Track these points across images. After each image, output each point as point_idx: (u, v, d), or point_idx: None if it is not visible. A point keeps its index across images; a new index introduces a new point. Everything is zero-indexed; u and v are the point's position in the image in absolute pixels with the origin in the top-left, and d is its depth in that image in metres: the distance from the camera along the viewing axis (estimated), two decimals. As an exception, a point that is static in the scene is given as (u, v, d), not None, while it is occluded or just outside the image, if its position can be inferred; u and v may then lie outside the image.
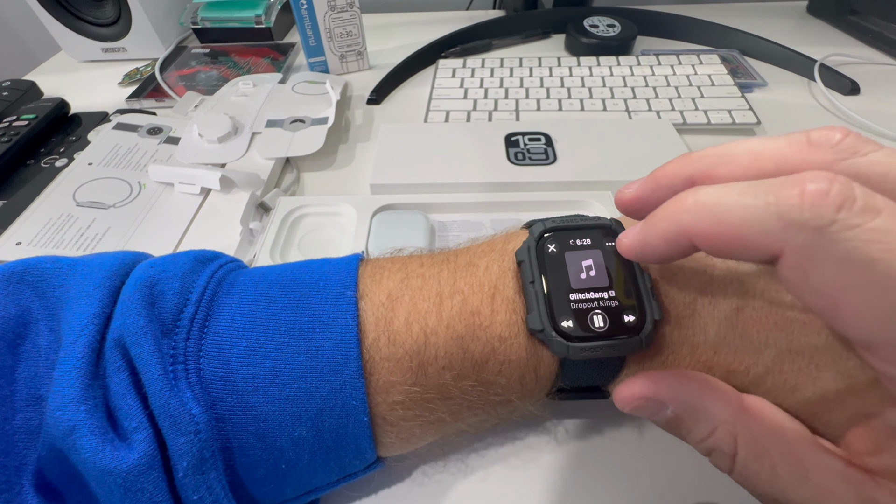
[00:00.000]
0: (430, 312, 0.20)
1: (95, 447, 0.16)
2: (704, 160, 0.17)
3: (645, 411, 0.17)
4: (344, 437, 0.19)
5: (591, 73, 0.57)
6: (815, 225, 0.12)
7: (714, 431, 0.16)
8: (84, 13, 0.63)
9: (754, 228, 0.13)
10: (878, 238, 0.11)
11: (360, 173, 0.46)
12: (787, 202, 0.12)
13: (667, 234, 0.15)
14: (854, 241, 0.11)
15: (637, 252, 0.16)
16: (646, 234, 0.16)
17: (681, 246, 0.15)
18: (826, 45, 0.62)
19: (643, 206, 0.18)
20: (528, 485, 0.25)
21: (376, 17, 0.75)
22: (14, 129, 0.49)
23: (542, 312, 0.19)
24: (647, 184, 0.18)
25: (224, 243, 0.37)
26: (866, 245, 0.11)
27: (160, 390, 0.17)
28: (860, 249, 0.11)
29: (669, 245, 0.15)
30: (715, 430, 0.16)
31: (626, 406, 0.18)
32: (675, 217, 0.15)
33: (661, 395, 0.17)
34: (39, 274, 0.19)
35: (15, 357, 0.18)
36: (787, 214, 0.12)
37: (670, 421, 0.17)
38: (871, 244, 0.11)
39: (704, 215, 0.14)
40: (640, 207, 0.18)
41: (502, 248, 0.22)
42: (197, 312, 0.19)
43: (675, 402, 0.17)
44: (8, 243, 0.38)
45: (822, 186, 0.12)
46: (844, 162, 0.14)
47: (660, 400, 0.17)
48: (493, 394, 0.20)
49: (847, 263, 0.12)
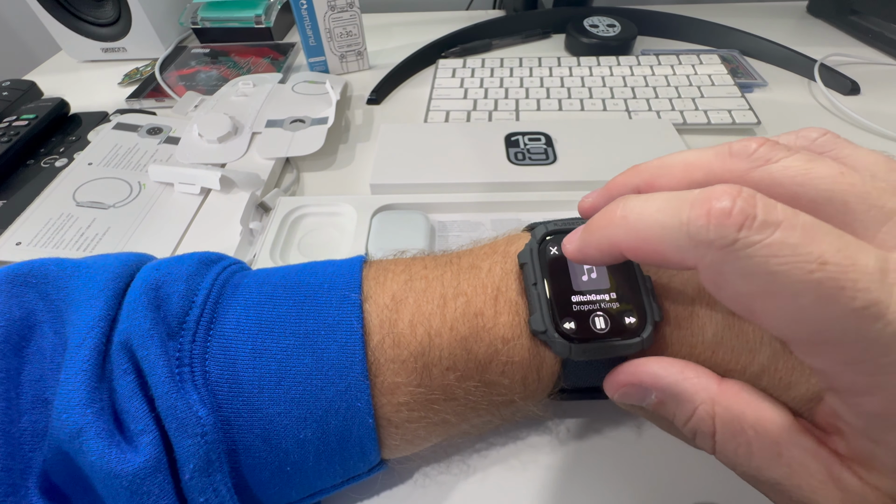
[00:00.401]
0: (433, 314, 0.20)
1: (102, 450, 0.16)
2: (647, 172, 0.18)
3: (632, 397, 0.18)
4: (349, 439, 0.19)
5: (591, 73, 0.57)
6: (721, 244, 0.13)
7: (694, 413, 0.17)
8: (84, 13, 0.63)
9: (670, 246, 0.14)
10: (776, 252, 0.12)
11: (360, 173, 0.46)
12: (696, 223, 0.13)
13: (600, 245, 0.16)
14: (755, 257, 0.12)
15: (578, 258, 0.18)
16: (583, 244, 0.17)
17: (613, 255, 0.16)
18: (826, 45, 0.62)
19: None
20: (530, 485, 0.25)
21: (376, 17, 0.75)
22: (14, 129, 0.49)
23: (544, 314, 0.19)
24: (603, 194, 0.20)
25: (224, 243, 0.37)
26: (766, 260, 0.12)
27: (167, 392, 0.17)
28: (761, 264, 0.12)
29: (603, 254, 0.17)
30: (695, 411, 0.17)
31: (614, 393, 0.19)
32: (605, 231, 0.16)
33: (644, 380, 0.18)
34: (43, 276, 0.19)
35: (20, 360, 0.18)
36: (696, 235, 0.13)
37: (656, 406, 0.18)
38: (770, 258, 0.12)
39: (630, 231, 0.15)
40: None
41: (504, 250, 0.22)
42: (202, 315, 0.19)
43: (657, 387, 0.17)
44: (8, 243, 0.38)
45: (725, 205, 0.13)
46: (759, 169, 0.15)
47: (643, 385, 0.18)
48: (496, 394, 0.21)
49: (751, 276, 0.13)
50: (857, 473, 0.14)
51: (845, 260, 0.12)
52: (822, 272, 0.12)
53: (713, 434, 0.17)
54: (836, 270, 0.12)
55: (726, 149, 0.17)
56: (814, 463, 0.15)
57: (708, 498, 0.24)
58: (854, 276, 0.12)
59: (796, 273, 0.12)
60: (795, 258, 0.12)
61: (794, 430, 0.16)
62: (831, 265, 0.12)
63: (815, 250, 0.12)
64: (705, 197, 0.13)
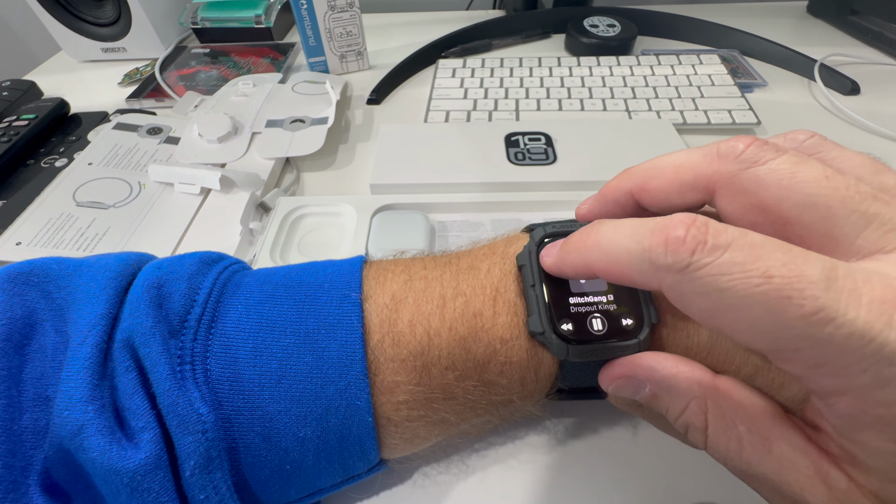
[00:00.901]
0: (433, 314, 0.20)
1: (103, 447, 0.16)
2: (639, 175, 0.19)
3: (626, 390, 0.19)
4: (348, 438, 0.19)
5: (591, 73, 0.57)
6: (677, 268, 0.14)
7: (687, 406, 0.17)
8: (84, 13, 0.63)
9: (635, 270, 0.15)
10: (725, 271, 0.13)
11: (360, 173, 0.47)
12: (656, 250, 0.14)
13: (576, 265, 0.18)
14: (706, 277, 0.13)
15: (554, 272, 0.19)
16: (560, 261, 0.18)
17: (587, 274, 0.18)
18: (826, 45, 0.62)
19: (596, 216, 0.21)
20: (528, 485, 0.25)
21: (376, 17, 0.75)
22: (14, 129, 0.49)
23: (542, 315, 0.19)
24: (598, 200, 0.21)
25: (224, 243, 0.37)
26: (717, 279, 0.13)
27: (168, 390, 0.17)
28: (712, 283, 0.13)
29: (578, 273, 0.18)
30: (688, 405, 0.17)
31: (608, 385, 0.19)
32: (580, 253, 0.17)
33: (638, 373, 0.18)
34: (45, 275, 0.19)
35: (22, 357, 0.18)
36: (655, 260, 0.14)
37: (649, 399, 0.18)
38: (719, 277, 0.13)
39: (602, 255, 0.16)
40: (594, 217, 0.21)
41: (503, 251, 0.22)
42: (204, 313, 0.19)
43: (651, 380, 0.18)
44: (8, 243, 0.38)
45: (679, 234, 0.14)
46: (746, 171, 0.16)
47: (637, 378, 0.18)
48: (494, 394, 0.21)
49: (706, 294, 0.14)
50: (846, 472, 0.15)
51: (790, 272, 0.13)
52: (769, 284, 0.13)
53: (705, 429, 0.17)
54: (781, 282, 0.13)
55: (714, 150, 0.17)
56: (802, 459, 0.15)
57: (707, 498, 0.24)
58: (799, 286, 0.12)
59: (743, 288, 0.13)
60: (742, 274, 0.13)
61: (784, 427, 0.16)
62: (777, 278, 0.13)
63: (760, 266, 0.13)
64: (663, 226, 0.15)
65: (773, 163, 0.16)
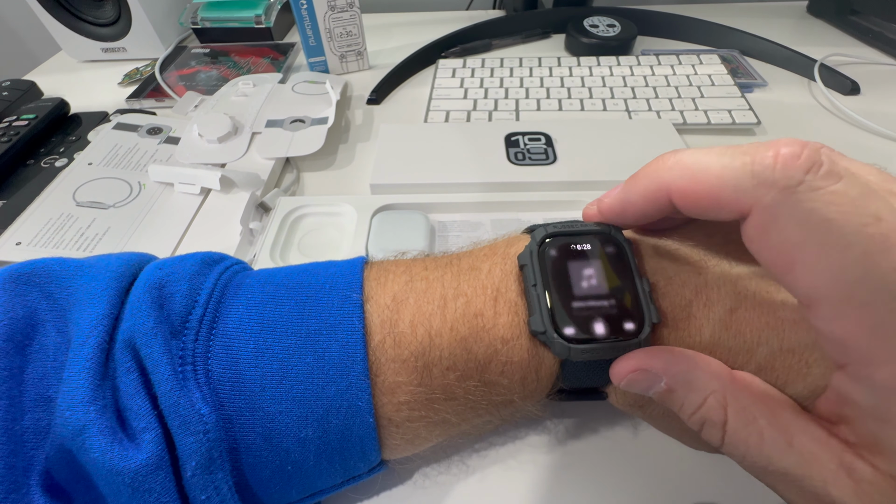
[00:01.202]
0: (434, 315, 0.20)
1: (104, 447, 0.16)
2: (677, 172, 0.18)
3: (640, 384, 0.18)
4: (349, 439, 0.19)
5: (591, 73, 0.57)
6: (784, 185, 0.13)
7: (705, 401, 0.17)
8: (84, 13, 0.63)
9: (729, 187, 0.14)
10: (837, 200, 0.12)
11: (360, 173, 0.47)
12: (763, 162, 0.13)
13: (647, 191, 0.16)
14: (816, 202, 0.13)
15: (618, 210, 0.18)
16: (627, 193, 0.17)
17: (659, 203, 0.16)
18: (826, 45, 0.62)
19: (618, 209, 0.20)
20: (529, 485, 0.25)
21: (376, 17, 0.75)
22: (14, 129, 0.49)
23: (543, 315, 0.19)
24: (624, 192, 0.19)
25: (224, 243, 0.37)
26: (826, 206, 0.13)
27: (170, 390, 0.17)
28: (820, 210, 0.13)
29: (649, 202, 0.16)
30: (706, 399, 0.17)
31: (621, 380, 0.18)
32: (656, 175, 0.16)
33: (654, 367, 0.17)
34: (46, 275, 0.19)
35: (23, 358, 0.18)
36: (760, 174, 0.13)
37: (664, 393, 0.18)
38: (830, 206, 0.12)
39: (685, 173, 0.15)
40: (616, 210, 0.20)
41: (504, 251, 0.22)
42: (205, 314, 0.19)
43: (668, 374, 0.17)
44: (8, 243, 0.38)
45: (794, 150, 0.13)
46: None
47: (654, 372, 0.18)
48: (495, 394, 0.21)
49: (806, 222, 0.13)
50: (869, 461, 0.14)
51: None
52: (876, 228, 0.12)
53: (724, 423, 0.16)
54: (888, 228, 0.12)
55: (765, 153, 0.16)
56: (825, 452, 0.15)
57: (707, 498, 0.24)
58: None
59: (852, 224, 0.12)
60: (854, 209, 0.12)
61: (804, 420, 0.16)
62: (885, 223, 0.12)
63: (872, 206, 0.12)
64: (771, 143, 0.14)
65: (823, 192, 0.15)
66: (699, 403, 0.17)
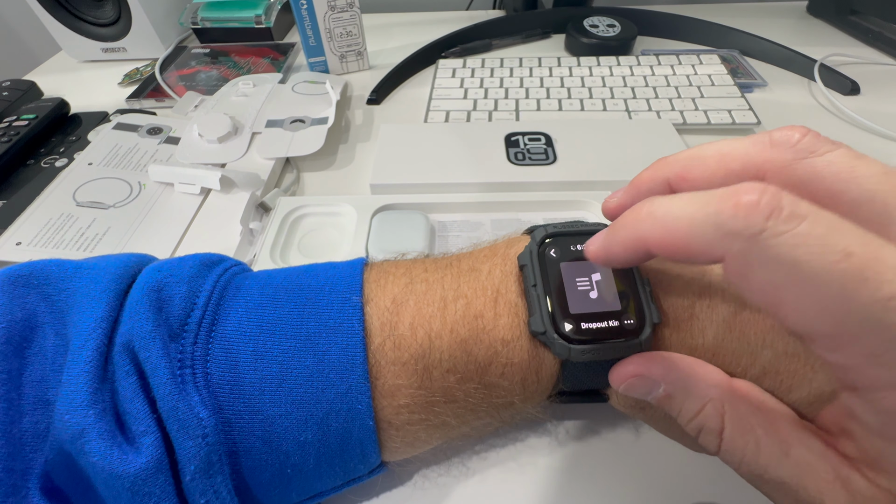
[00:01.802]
0: (434, 317, 0.20)
1: (104, 451, 0.16)
2: (678, 163, 0.18)
3: (638, 389, 0.18)
4: (349, 442, 0.19)
5: (591, 73, 0.57)
6: (748, 234, 0.13)
7: (703, 408, 0.17)
8: (84, 13, 0.63)
9: (698, 238, 0.14)
10: (803, 242, 0.12)
11: (360, 173, 0.46)
12: (724, 214, 0.13)
13: (626, 242, 0.16)
14: (782, 246, 0.13)
15: (602, 258, 0.18)
16: (609, 242, 0.17)
17: (638, 252, 0.16)
18: (826, 45, 0.62)
19: None
20: (529, 487, 0.25)
21: (376, 17, 0.75)
22: (14, 129, 0.49)
23: (543, 315, 0.19)
24: (629, 191, 0.19)
25: (224, 243, 0.37)
26: (793, 249, 0.12)
27: (169, 394, 0.17)
28: (788, 253, 0.13)
29: (629, 252, 0.16)
30: (704, 407, 0.17)
31: (620, 384, 0.18)
32: (633, 227, 0.16)
33: (653, 373, 0.18)
34: (45, 277, 0.19)
35: (22, 361, 0.18)
36: (724, 225, 0.13)
37: (662, 399, 0.18)
38: (797, 248, 0.12)
39: (657, 225, 0.15)
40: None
41: (504, 252, 0.22)
42: (204, 317, 0.19)
43: (666, 380, 0.17)
44: (8, 243, 0.38)
45: (753, 198, 0.13)
46: (803, 161, 0.15)
47: (652, 378, 0.18)
48: (495, 396, 0.21)
49: (778, 266, 0.13)
50: (866, 475, 0.14)
51: (869, 253, 0.12)
52: (847, 263, 0.12)
53: (720, 431, 0.16)
54: (860, 262, 0.12)
55: (766, 138, 0.16)
56: (821, 464, 0.15)
57: (707, 498, 0.24)
58: (878, 268, 0.12)
59: (822, 263, 0.12)
60: (821, 248, 0.12)
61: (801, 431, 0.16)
62: (856, 256, 0.12)
63: (840, 242, 0.12)
64: (732, 191, 0.14)
65: (830, 155, 0.15)
66: (696, 410, 0.17)
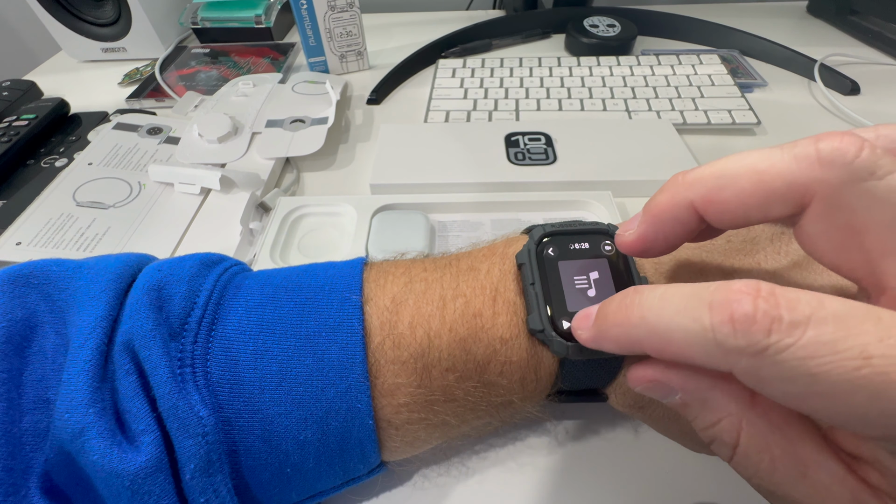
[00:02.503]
0: (433, 316, 0.20)
1: (104, 449, 0.16)
2: (702, 184, 0.16)
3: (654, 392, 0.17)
4: (349, 441, 0.19)
5: (591, 73, 0.57)
6: (753, 351, 0.12)
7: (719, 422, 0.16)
8: (84, 13, 0.63)
9: (699, 353, 0.13)
10: (812, 353, 0.11)
11: (360, 173, 0.47)
12: (721, 330, 0.12)
13: (620, 342, 0.15)
14: (791, 361, 0.11)
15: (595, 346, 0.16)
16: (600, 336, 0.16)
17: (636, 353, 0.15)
18: (826, 45, 0.62)
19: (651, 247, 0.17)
20: (528, 487, 0.25)
21: (376, 17, 0.75)
22: (14, 129, 0.49)
23: (542, 313, 0.19)
24: (650, 223, 0.17)
25: (224, 243, 0.37)
26: (804, 362, 0.11)
27: (169, 393, 0.17)
28: (800, 367, 0.11)
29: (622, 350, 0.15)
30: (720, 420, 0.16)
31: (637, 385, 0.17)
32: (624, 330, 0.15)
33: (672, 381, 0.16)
34: (45, 277, 0.19)
35: (22, 360, 0.18)
36: (724, 342, 0.12)
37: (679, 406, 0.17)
38: (807, 360, 0.11)
39: (652, 334, 0.14)
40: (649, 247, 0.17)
41: (503, 251, 0.22)
42: (204, 316, 0.19)
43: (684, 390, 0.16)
44: (8, 243, 0.38)
45: (747, 310, 0.12)
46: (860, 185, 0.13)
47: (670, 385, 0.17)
48: (495, 395, 0.21)
49: (793, 380, 0.12)
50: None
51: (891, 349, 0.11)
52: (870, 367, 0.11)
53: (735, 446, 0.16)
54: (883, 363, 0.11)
55: (812, 151, 0.14)
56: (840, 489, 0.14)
57: (707, 498, 0.24)
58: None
59: (840, 373, 0.11)
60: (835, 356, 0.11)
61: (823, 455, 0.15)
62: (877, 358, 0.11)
63: (854, 344, 0.11)
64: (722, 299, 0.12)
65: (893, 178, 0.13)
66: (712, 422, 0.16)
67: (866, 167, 0.13)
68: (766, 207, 0.15)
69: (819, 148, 0.14)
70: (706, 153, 0.46)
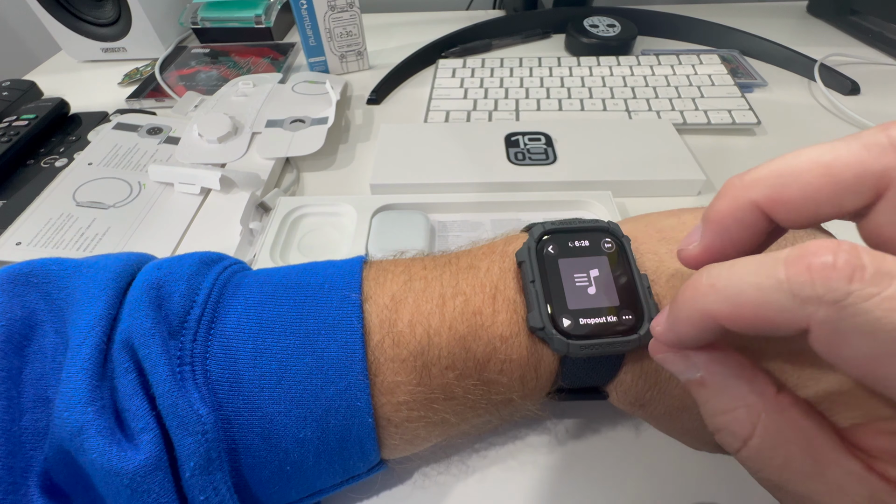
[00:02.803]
0: (433, 314, 0.20)
1: (103, 448, 0.16)
2: (763, 183, 0.15)
3: (675, 365, 0.16)
4: (348, 439, 0.19)
5: (591, 73, 0.57)
6: (832, 299, 0.11)
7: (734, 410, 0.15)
8: (84, 13, 0.63)
9: (773, 308, 0.12)
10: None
11: (360, 173, 0.47)
12: (797, 279, 0.12)
13: (692, 319, 0.14)
14: (875, 312, 0.11)
15: (672, 339, 0.16)
16: (673, 320, 0.15)
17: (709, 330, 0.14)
18: (826, 45, 0.62)
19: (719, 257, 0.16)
20: (528, 485, 0.25)
21: (376, 17, 0.75)
22: (14, 129, 0.49)
23: (542, 311, 0.19)
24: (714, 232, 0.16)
25: (224, 243, 0.37)
26: (889, 314, 0.11)
27: (168, 391, 0.17)
28: (884, 319, 0.11)
29: (698, 329, 0.14)
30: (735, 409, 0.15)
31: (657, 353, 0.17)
32: (694, 304, 0.14)
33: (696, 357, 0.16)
34: (45, 276, 0.19)
35: (21, 359, 0.18)
36: (800, 291, 0.12)
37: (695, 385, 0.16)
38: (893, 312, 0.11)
39: (722, 298, 0.13)
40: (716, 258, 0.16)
41: (503, 249, 0.22)
42: (203, 314, 0.19)
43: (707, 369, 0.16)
44: (8, 243, 0.38)
45: (826, 260, 0.11)
46: None
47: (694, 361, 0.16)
48: (494, 393, 0.21)
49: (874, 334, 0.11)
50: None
51: None
52: None
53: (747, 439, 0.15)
54: None
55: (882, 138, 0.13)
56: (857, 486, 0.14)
57: (707, 498, 0.24)
58: None
59: None
60: None
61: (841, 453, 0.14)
62: None
63: None
64: (798, 254, 0.12)
65: None
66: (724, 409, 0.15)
67: None
68: (838, 200, 0.14)
69: (891, 135, 0.13)
70: (706, 153, 0.46)
